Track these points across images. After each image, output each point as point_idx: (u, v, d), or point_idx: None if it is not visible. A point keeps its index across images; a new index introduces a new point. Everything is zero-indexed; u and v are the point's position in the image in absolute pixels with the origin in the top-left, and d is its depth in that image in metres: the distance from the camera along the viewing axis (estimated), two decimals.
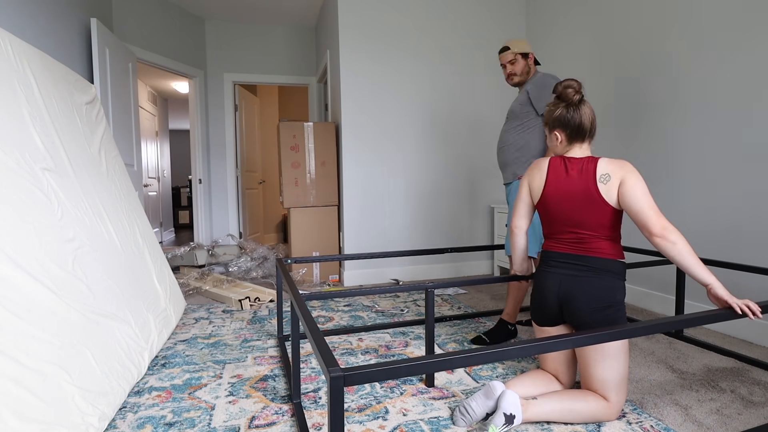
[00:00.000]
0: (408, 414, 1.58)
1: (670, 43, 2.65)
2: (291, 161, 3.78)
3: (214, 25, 5.00)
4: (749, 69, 2.23)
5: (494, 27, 3.96)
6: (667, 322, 1.18)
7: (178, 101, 8.29)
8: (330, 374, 0.82)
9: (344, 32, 3.62)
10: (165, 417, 1.57)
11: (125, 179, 2.68)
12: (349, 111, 3.66)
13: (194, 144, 4.97)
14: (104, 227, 2.07)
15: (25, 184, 1.57)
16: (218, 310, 2.94)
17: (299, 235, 3.79)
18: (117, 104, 3.49)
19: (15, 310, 1.29)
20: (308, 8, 4.69)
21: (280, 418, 1.56)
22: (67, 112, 2.18)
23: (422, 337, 2.36)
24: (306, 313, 1.22)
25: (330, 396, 0.83)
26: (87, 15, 3.35)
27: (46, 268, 1.49)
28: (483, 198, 4.01)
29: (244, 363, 2.05)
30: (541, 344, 1.00)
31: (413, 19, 3.76)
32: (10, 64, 1.77)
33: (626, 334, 1.11)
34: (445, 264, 3.92)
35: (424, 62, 3.80)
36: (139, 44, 4.16)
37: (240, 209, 5.30)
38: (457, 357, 0.92)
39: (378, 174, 3.75)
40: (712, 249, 2.42)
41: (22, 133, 1.68)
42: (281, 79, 5.24)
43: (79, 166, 2.07)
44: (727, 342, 2.25)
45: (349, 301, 3.13)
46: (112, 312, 1.80)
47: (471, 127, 3.95)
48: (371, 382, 0.85)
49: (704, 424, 1.50)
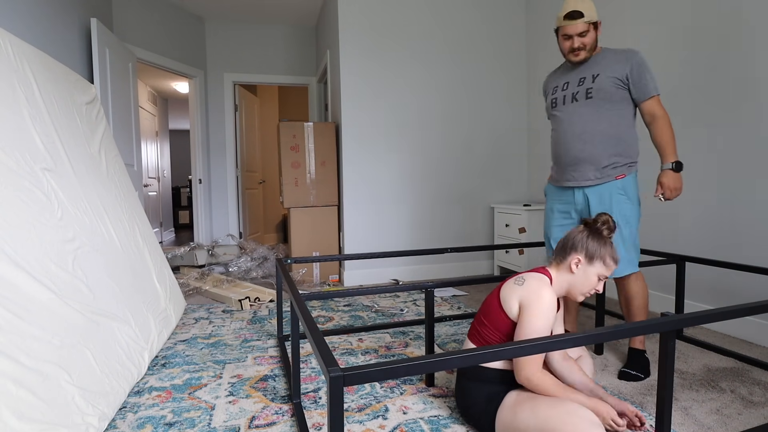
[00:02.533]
0: (408, 413, 1.58)
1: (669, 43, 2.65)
2: (291, 161, 3.78)
3: (214, 25, 5.00)
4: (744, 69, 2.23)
5: (494, 26, 3.96)
6: (667, 321, 1.17)
7: (178, 101, 8.29)
8: (330, 374, 0.82)
9: (344, 32, 3.62)
10: (165, 417, 1.57)
11: (125, 179, 2.68)
12: (349, 111, 3.66)
13: (194, 144, 4.97)
14: (104, 227, 2.07)
15: (25, 184, 1.57)
16: (218, 310, 2.94)
17: (299, 235, 3.79)
18: (117, 104, 3.49)
19: (15, 310, 1.29)
20: (308, 8, 4.69)
21: (280, 418, 1.56)
22: (67, 112, 2.18)
23: (422, 337, 2.36)
24: (306, 313, 1.22)
25: (329, 396, 0.83)
26: (87, 15, 3.35)
27: (46, 268, 1.49)
28: (483, 198, 4.01)
29: (244, 363, 2.05)
30: (541, 344, 1.00)
31: (413, 19, 3.76)
32: (10, 64, 1.77)
33: (625, 333, 1.11)
34: (445, 264, 3.92)
35: (424, 62, 3.79)
36: (139, 44, 4.16)
37: (240, 209, 5.30)
38: (457, 357, 0.92)
39: (378, 174, 3.74)
40: (713, 249, 2.42)
41: (22, 133, 1.68)
42: (281, 79, 5.24)
43: (79, 166, 2.07)
44: (727, 342, 2.24)
45: (349, 301, 3.13)
46: (112, 312, 1.80)
47: (471, 127, 3.95)
48: (371, 381, 0.85)
49: (704, 424, 1.50)
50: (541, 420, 1.22)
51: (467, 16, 3.89)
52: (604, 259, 1.41)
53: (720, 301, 2.39)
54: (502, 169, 4.06)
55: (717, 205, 2.40)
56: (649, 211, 2.79)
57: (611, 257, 1.42)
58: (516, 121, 4.07)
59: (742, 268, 1.94)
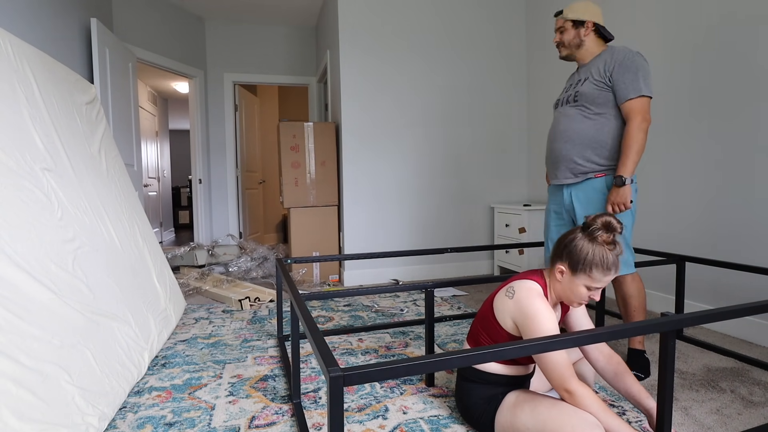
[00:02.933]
0: (408, 413, 1.58)
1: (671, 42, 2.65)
2: (291, 161, 3.78)
3: (214, 25, 5.00)
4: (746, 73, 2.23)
5: (495, 26, 3.96)
6: (667, 321, 1.17)
7: (178, 101, 8.29)
8: (330, 374, 0.82)
9: (344, 32, 3.62)
10: (165, 417, 1.57)
11: (125, 179, 2.68)
12: (349, 111, 3.66)
13: (194, 144, 4.97)
14: (104, 227, 2.07)
15: (25, 184, 1.57)
16: (218, 310, 2.94)
17: (299, 235, 3.79)
18: (117, 104, 3.49)
19: (15, 310, 1.29)
20: (308, 8, 4.69)
21: (280, 418, 1.56)
22: (67, 112, 2.18)
23: (422, 337, 2.36)
24: (306, 313, 1.22)
25: (330, 396, 0.83)
26: (87, 15, 3.35)
27: (46, 268, 1.49)
28: (483, 198, 4.01)
29: (244, 363, 2.05)
30: (540, 344, 1.00)
31: (413, 19, 3.75)
32: (10, 64, 1.77)
33: (625, 333, 1.11)
34: (445, 264, 3.92)
35: (424, 62, 3.79)
36: (139, 44, 4.16)
37: (240, 209, 5.31)
38: (456, 357, 0.92)
39: (378, 174, 3.74)
40: (713, 249, 2.42)
41: (22, 133, 1.68)
42: (281, 79, 5.24)
43: (79, 166, 2.07)
44: (727, 342, 2.24)
45: (349, 301, 3.13)
46: (112, 312, 1.80)
47: (471, 127, 3.95)
48: (371, 381, 0.85)
49: (704, 424, 1.50)
50: (541, 421, 1.22)
51: (467, 16, 3.89)
52: (589, 271, 1.25)
53: (720, 301, 2.39)
54: (502, 169, 4.06)
55: (717, 204, 2.39)
56: (650, 211, 2.79)
57: (601, 268, 1.25)
58: (516, 120, 4.07)
59: (742, 268, 1.94)
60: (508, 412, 1.31)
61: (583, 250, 1.26)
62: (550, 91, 3.77)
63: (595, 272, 1.25)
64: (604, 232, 1.27)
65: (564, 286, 1.32)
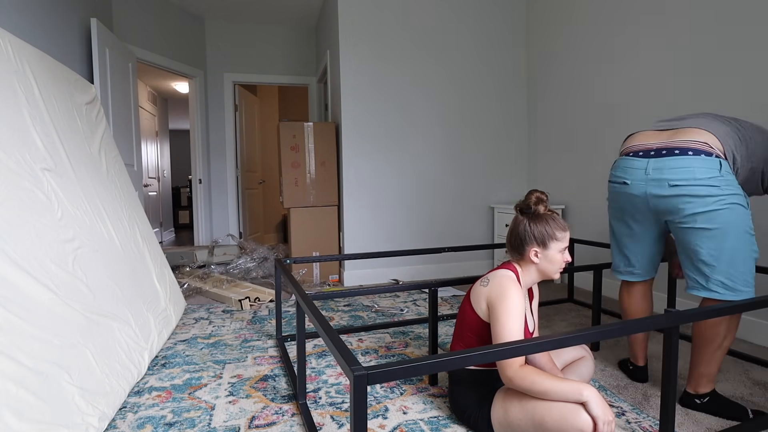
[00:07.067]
0: (408, 413, 1.58)
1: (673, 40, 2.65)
2: (291, 161, 3.78)
3: (214, 25, 5.00)
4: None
5: (495, 26, 3.96)
6: (670, 317, 1.17)
7: (178, 101, 8.29)
8: (353, 373, 0.82)
9: (344, 32, 3.62)
10: (165, 417, 1.57)
11: (125, 179, 2.68)
12: (349, 111, 3.66)
13: (194, 144, 4.97)
14: (104, 227, 2.07)
15: (25, 184, 1.57)
16: (218, 310, 2.94)
17: (299, 235, 3.79)
18: (117, 104, 3.50)
19: (15, 310, 1.29)
20: (308, 8, 4.69)
21: (281, 418, 1.56)
22: (67, 112, 2.18)
23: (422, 336, 2.36)
24: (317, 313, 1.22)
25: (353, 394, 0.82)
26: (87, 15, 3.35)
27: (46, 268, 1.50)
28: (483, 198, 4.01)
29: (244, 363, 2.05)
30: (540, 343, 1.00)
31: (413, 19, 3.75)
32: (10, 64, 1.77)
33: (623, 331, 1.11)
34: (445, 264, 3.92)
35: (424, 62, 3.79)
36: (139, 44, 4.16)
37: (240, 209, 5.31)
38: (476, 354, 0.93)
39: (378, 174, 3.75)
40: None
41: (22, 133, 1.68)
42: (281, 79, 5.24)
43: (79, 166, 2.07)
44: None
45: (349, 301, 3.13)
46: (112, 312, 1.80)
47: (471, 127, 3.95)
48: (394, 380, 0.85)
49: (704, 424, 1.50)
50: (530, 411, 1.25)
51: (467, 16, 3.89)
52: (554, 238, 1.41)
53: None
54: (502, 169, 4.06)
55: None
56: None
57: (560, 229, 1.42)
58: (516, 120, 4.07)
59: None
60: (500, 408, 1.34)
61: (539, 227, 1.42)
62: (550, 90, 3.77)
63: (558, 234, 1.41)
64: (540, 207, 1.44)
65: (543, 263, 1.44)
